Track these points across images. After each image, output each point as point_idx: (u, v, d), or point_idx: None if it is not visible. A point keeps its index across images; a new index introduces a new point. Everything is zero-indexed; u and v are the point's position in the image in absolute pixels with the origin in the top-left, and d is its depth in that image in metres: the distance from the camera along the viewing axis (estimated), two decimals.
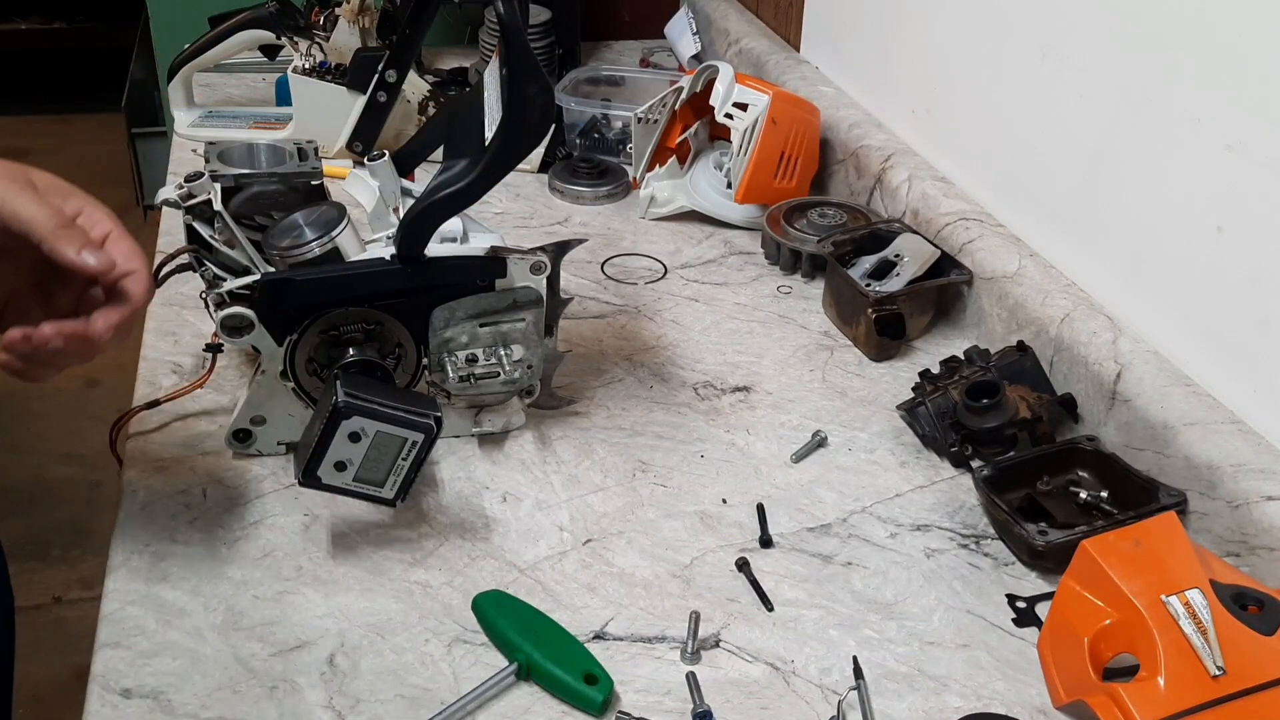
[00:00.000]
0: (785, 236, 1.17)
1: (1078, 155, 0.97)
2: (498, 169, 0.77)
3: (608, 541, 0.81)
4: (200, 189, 0.83)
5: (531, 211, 1.29)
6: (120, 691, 0.68)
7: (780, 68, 1.47)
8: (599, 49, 1.79)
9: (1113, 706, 0.63)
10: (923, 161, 1.19)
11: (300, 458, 0.76)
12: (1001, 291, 1.02)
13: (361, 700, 0.68)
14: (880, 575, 0.79)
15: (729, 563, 0.80)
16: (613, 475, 0.88)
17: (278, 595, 0.75)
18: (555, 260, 0.86)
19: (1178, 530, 0.70)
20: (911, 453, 0.92)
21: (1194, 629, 0.64)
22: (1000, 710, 0.69)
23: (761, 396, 0.98)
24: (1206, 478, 0.79)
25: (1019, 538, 0.79)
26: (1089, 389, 0.91)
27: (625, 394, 0.97)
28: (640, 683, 0.70)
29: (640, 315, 1.09)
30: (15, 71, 3.97)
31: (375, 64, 1.28)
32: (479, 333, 0.85)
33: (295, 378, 0.83)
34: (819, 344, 1.06)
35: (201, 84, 1.53)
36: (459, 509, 0.84)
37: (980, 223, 1.08)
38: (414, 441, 0.75)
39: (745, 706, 0.69)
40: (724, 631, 0.74)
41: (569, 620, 0.74)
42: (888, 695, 0.70)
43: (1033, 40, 1.01)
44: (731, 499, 0.86)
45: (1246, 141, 0.79)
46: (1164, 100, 0.87)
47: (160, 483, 0.84)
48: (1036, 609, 0.77)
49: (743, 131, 1.21)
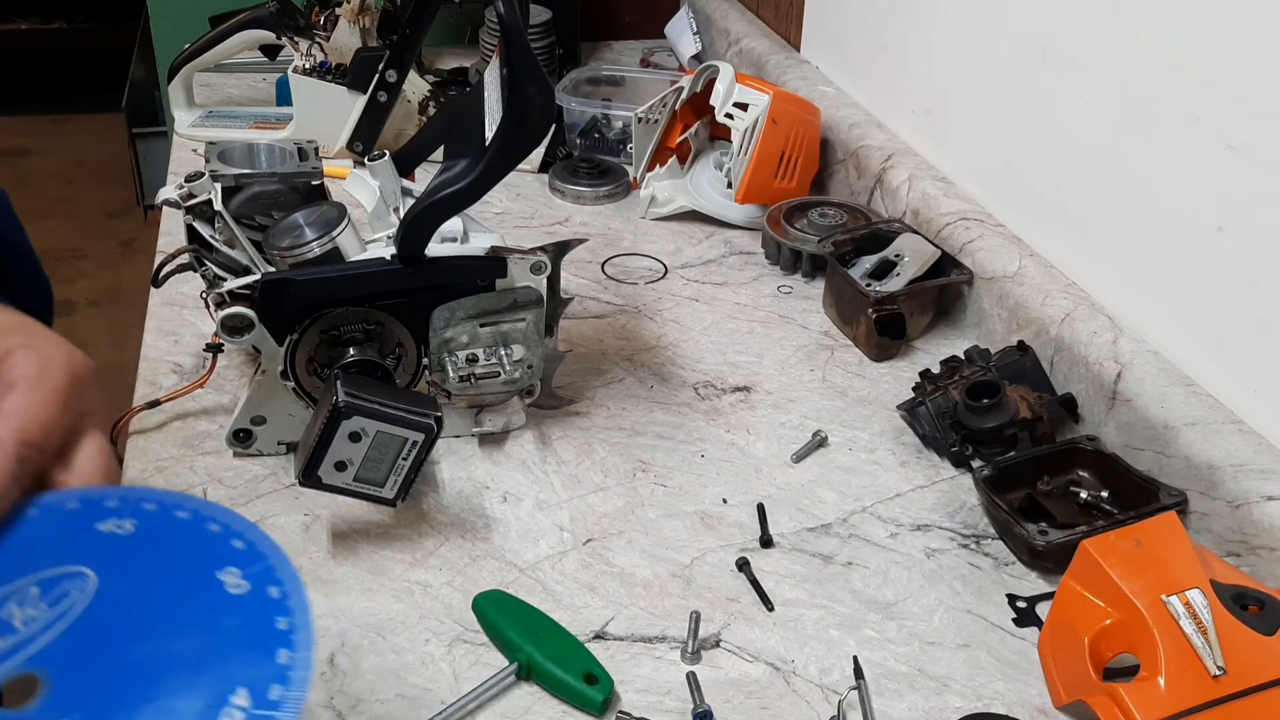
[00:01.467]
0: (785, 236, 1.17)
1: (1078, 155, 0.97)
2: (498, 169, 0.77)
3: (608, 541, 0.81)
4: (200, 189, 0.83)
5: (532, 211, 1.29)
6: None
7: (780, 68, 1.47)
8: (599, 49, 1.79)
9: (1113, 706, 0.63)
10: (923, 161, 1.19)
11: (300, 457, 0.76)
12: (1002, 291, 1.02)
13: (362, 700, 0.68)
14: (881, 575, 0.79)
15: (729, 562, 0.80)
16: (613, 475, 0.88)
17: None
18: (555, 260, 0.86)
19: (1178, 530, 0.70)
20: (912, 452, 0.92)
21: (1194, 629, 0.64)
22: (1001, 710, 0.69)
23: (762, 396, 0.98)
24: (1207, 478, 0.79)
25: (1019, 538, 0.79)
26: (1089, 389, 0.91)
27: (625, 394, 0.97)
28: (640, 682, 0.70)
29: (640, 315, 1.09)
30: (15, 71, 3.97)
31: (376, 64, 1.28)
32: (479, 333, 0.85)
33: (295, 378, 0.83)
34: (819, 344, 1.06)
35: (202, 84, 1.53)
36: (459, 509, 0.84)
37: (980, 223, 1.08)
38: (414, 441, 0.75)
39: (745, 706, 0.69)
40: (724, 631, 0.74)
41: (569, 620, 0.74)
42: (888, 695, 0.70)
43: (1033, 40, 1.01)
44: (732, 499, 0.86)
45: (1247, 141, 0.79)
46: (1164, 100, 0.87)
47: (160, 483, 0.84)
48: (1037, 609, 0.77)
49: (743, 131, 1.21)
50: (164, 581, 0.50)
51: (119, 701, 0.45)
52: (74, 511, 0.52)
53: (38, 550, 0.50)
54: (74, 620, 0.48)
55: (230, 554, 0.52)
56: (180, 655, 0.47)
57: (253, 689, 0.45)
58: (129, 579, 0.50)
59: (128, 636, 0.48)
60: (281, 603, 0.49)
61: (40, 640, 0.47)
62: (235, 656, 0.47)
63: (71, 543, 0.51)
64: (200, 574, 0.50)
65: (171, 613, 0.49)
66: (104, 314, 2.87)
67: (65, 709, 0.45)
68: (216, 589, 0.50)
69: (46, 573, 0.49)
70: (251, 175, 0.87)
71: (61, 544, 0.50)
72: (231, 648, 0.47)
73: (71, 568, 0.49)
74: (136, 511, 0.52)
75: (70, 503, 0.52)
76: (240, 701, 0.45)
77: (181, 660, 0.47)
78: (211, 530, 0.52)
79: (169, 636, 0.48)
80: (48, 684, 0.46)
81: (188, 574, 0.50)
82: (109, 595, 0.49)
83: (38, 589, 0.48)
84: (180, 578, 0.50)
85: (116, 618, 0.48)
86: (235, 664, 0.47)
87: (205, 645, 0.47)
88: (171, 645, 0.47)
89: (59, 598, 0.48)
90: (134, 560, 0.50)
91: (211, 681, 0.46)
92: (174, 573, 0.50)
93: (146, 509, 0.52)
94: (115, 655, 0.47)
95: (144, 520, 0.52)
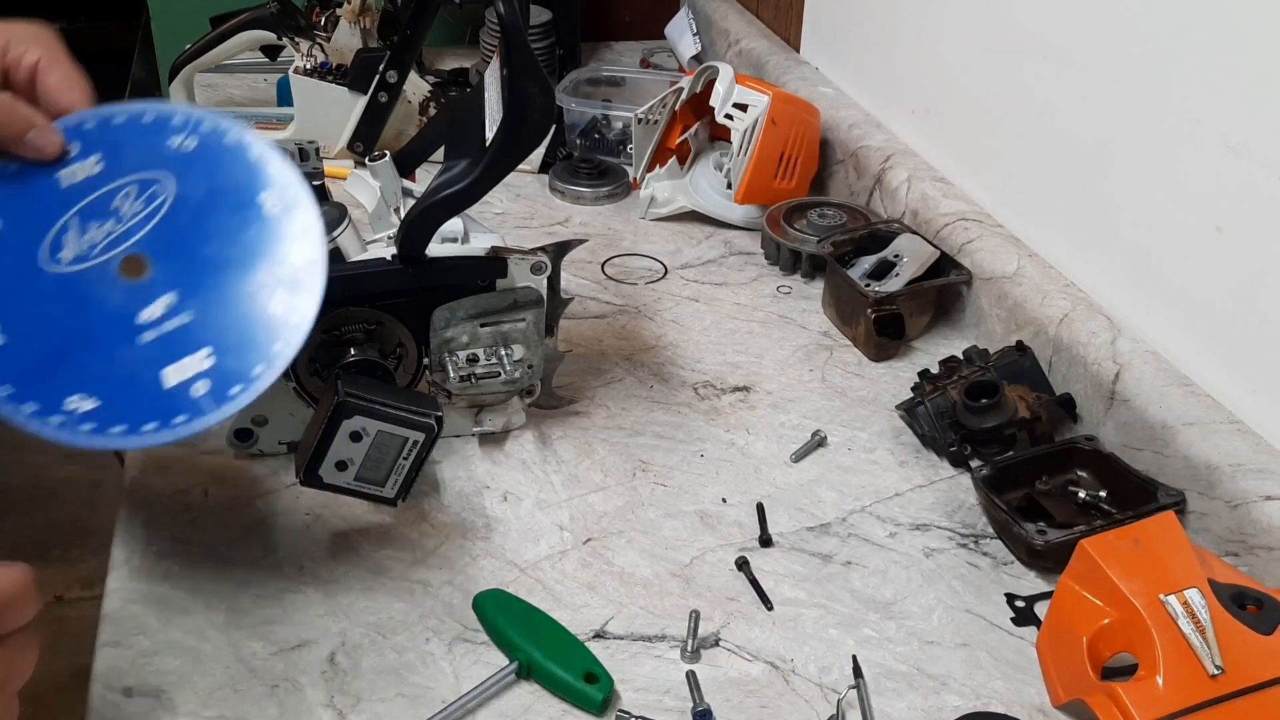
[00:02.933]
0: (785, 237, 1.17)
1: (1077, 155, 0.97)
2: (498, 169, 0.77)
3: (608, 541, 0.82)
4: None
5: (532, 212, 1.29)
6: (122, 690, 0.68)
7: (780, 68, 1.47)
8: (599, 49, 1.79)
9: (1111, 706, 0.63)
10: (922, 162, 1.20)
11: (301, 457, 0.76)
12: (1001, 292, 1.02)
13: (362, 699, 0.68)
14: (880, 574, 0.80)
15: (729, 562, 0.80)
16: (613, 475, 0.88)
17: (279, 594, 0.75)
18: (556, 260, 0.86)
19: (1176, 530, 0.70)
20: (911, 452, 0.92)
21: (1192, 628, 0.64)
22: (999, 709, 0.70)
23: (761, 396, 0.98)
24: (1205, 477, 0.79)
25: (1018, 537, 0.79)
26: (1088, 389, 0.91)
27: (625, 394, 0.97)
28: (640, 681, 0.70)
29: (640, 315, 1.09)
30: None
31: (376, 64, 1.29)
32: (480, 333, 0.85)
33: (296, 377, 0.83)
34: (819, 344, 1.06)
35: (203, 84, 1.53)
36: (459, 508, 0.84)
37: (979, 223, 1.08)
38: (415, 441, 0.76)
39: (745, 705, 0.69)
40: (724, 630, 0.74)
41: (569, 619, 0.74)
42: (887, 694, 0.70)
43: (1033, 40, 1.01)
44: (731, 498, 0.86)
45: (1247, 141, 0.79)
46: (1164, 100, 0.87)
47: (161, 482, 0.84)
48: (1035, 608, 0.77)
49: (743, 132, 1.21)
50: (220, 195, 0.64)
51: (206, 283, 0.61)
52: (149, 125, 0.64)
53: (128, 155, 0.63)
54: (163, 217, 0.62)
55: (267, 178, 0.65)
56: (234, 258, 0.62)
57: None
58: (195, 190, 0.63)
59: (199, 236, 0.62)
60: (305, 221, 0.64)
61: (143, 229, 0.61)
62: (271, 257, 0.63)
63: (151, 152, 0.63)
64: (246, 193, 0.64)
65: (227, 221, 0.63)
66: None
67: (168, 285, 0.61)
68: (258, 209, 0.64)
69: (139, 175, 0.62)
70: None
71: (144, 153, 0.63)
72: (271, 255, 0.63)
73: (156, 173, 0.63)
74: (196, 131, 0.65)
75: (146, 116, 0.64)
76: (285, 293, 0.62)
77: (236, 260, 0.62)
78: (251, 157, 0.65)
79: (226, 240, 0.63)
80: (152, 264, 0.61)
81: (237, 191, 0.64)
82: (183, 200, 0.63)
83: (135, 187, 0.62)
84: (231, 194, 0.64)
85: (190, 220, 0.62)
86: (271, 263, 0.63)
87: (253, 253, 0.63)
88: (227, 249, 0.62)
89: (151, 198, 0.62)
90: (198, 174, 0.64)
91: (262, 278, 0.62)
92: (226, 189, 0.64)
93: (203, 130, 0.65)
94: (194, 249, 0.62)
95: (202, 141, 0.65)
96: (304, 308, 0.62)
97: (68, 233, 0.61)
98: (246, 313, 0.61)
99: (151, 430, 0.58)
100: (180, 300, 0.61)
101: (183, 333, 0.60)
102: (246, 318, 0.61)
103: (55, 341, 0.59)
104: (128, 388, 0.59)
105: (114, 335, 0.60)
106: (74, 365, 0.59)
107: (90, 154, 0.63)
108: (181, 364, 0.60)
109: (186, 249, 0.62)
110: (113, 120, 0.64)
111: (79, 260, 0.61)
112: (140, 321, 0.60)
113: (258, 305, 0.62)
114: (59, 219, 0.61)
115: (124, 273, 0.61)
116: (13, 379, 0.58)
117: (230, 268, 0.62)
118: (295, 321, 0.62)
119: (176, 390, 0.59)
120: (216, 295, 0.61)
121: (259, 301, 0.62)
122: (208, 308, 0.61)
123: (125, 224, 0.61)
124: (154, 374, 0.59)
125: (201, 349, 0.60)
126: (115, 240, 0.61)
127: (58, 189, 0.61)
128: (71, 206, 0.61)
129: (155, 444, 0.58)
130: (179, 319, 0.60)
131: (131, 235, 0.61)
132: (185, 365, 0.60)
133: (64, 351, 0.59)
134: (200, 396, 0.59)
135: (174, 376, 0.59)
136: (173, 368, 0.59)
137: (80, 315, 0.60)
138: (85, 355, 0.59)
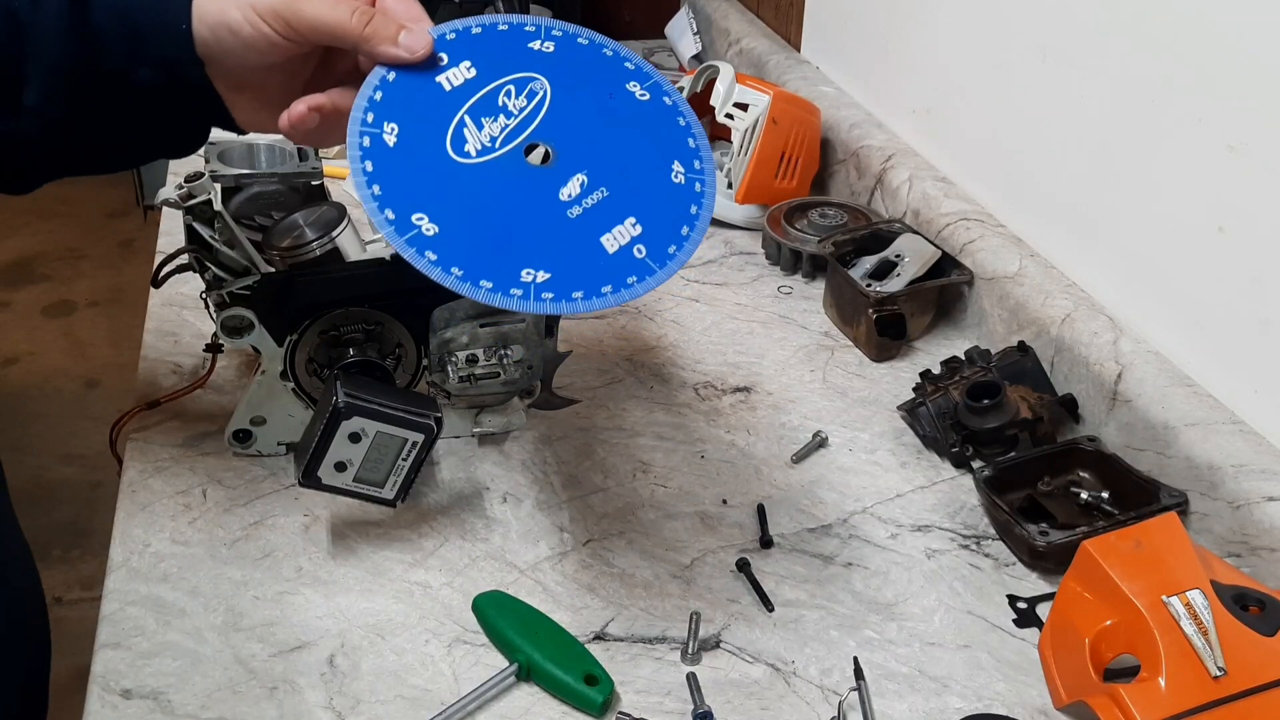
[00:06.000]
0: (786, 237, 1.17)
1: (1079, 155, 0.97)
2: None
3: (608, 542, 0.81)
4: (200, 189, 0.83)
5: None
6: (120, 692, 0.68)
7: (781, 68, 1.47)
8: None
9: (1114, 707, 0.63)
10: (923, 161, 1.19)
11: (300, 458, 0.76)
12: (1002, 292, 1.01)
13: (362, 701, 0.68)
14: (881, 576, 0.79)
15: (729, 563, 0.80)
16: (613, 475, 0.88)
17: (278, 596, 0.75)
18: None
19: (1179, 531, 0.70)
20: (912, 453, 0.92)
21: (1195, 630, 0.64)
22: (1001, 711, 0.69)
23: (762, 397, 0.98)
24: (1207, 478, 0.79)
25: (1020, 538, 0.79)
26: (1090, 389, 0.90)
27: (625, 394, 0.97)
28: (640, 683, 0.70)
29: (640, 315, 1.09)
30: None
31: None
32: (479, 333, 0.85)
33: (295, 378, 0.83)
34: (819, 344, 1.06)
35: None
36: (459, 509, 0.84)
37: (981, 223, 1.08)
38: (414, 442, 0.75)
39: (746, 707, 0.69)
40: (724, 632, 0.74)
41: (569, 621, 0.74)
42: (888, 696, 0.70)
43: (1033, 40, 1.01)
44: (732, 499, 0.86)
45: (1247, 141, 0.79)
46: (1164, 100, 0.87)
47: (160, 483, 0.84)
48: (1037, 609, 0.77)
49: (743, 132, 1.21)
50: (590, 89, 0.68)
51: (609, 162, 0.67)
52: (505, 32, 0.68)
53: (497, 60, 0.67)
54: (548, 109, 0.67)
55: (626, 72, 0.70)
56: (624, 139, 0.68)
57: (682, 161, 0.68)
58: (567, 84, 0.68)
59: (587, 124, 0.67)
60: (675, 108, 0.70)
61: (534, 121, 0.66)
62: (660, 142, 0.68)
63: (517, 56, 0.68)
64: (613, 85, 0.69)
65: (607, 108, 0.68)
66: (104, 314, 2.87)
67: (575, 167, 0.66)
68: (628, 96, 0.69)
69: (513, 75, 0.67)
70: (251, 175, 0.87)
71: (510, 56, 0.68)
72: (655, 136, 0.68)
73: (528, 73, 0.67)
74: (549, 35, 0.69)
75: (501, 25, 0.68)
76: (678, 168, 0.68)
77: (626, 143, 0.68)
78: (606, 54, 0.70)
79: (611, 126, 0.68)
80: (554, 151, 0.66)
81: (604, 84, 0.69)
82: (561, 94, 0.67)
83: (513, 86, 0.67)
84: (600, 87, 0.69)
85: (573, 110, 0.67)
86: (663, 146, 0.68)
87: (637, 135, 0.68)
88: (614, 132, 0.68)
89: (531, 94, 0.67)
90: (564, 72, 0.68)
91: (654, 156, 0.68)
92: (594, 83, 0.69)
93: (555, 34, 0.69)
94: (587, 135, 0.67)
95: (557, 43, 0.69)
96: (707, 176, 0.68)
97: (465, 128, 0.65)
98: (654, 184, 0.67)
99: (610, 292, 0.63)
100: (591, 179, 0.66)
101: (605, 205, 0.65)
102: (655, 188, 0.67)
103: (490, 225, 0.63)
104: (575, 257, 0.63)
105: (545, 214, 0.64)
106: (516, 244, 0.63)
107: (460, 61, 0.66)
108: (614, 232, 0.65)
109: (580, 135, 0.67)
110: (470, 30, 0.68)
111: (485, 152, 0.65)
112: (563, 199, 0.65)
113: (662, 177, 0.67)
114: (451, 119, 0.65)
115: (530, 159, 0.66)
116: (460, 262, 0.61)
117: (625, 147, 0.67)
118: (699, 190, 0.68)
119: (619, 254, 0.64)
120: (623, 172, 0.66)
121: (662, 174, 0.67)
122: (619, 183, 0.66)
123: (516, 118, 0.66)
124: (594, 242, 0.64)
125: (627, 218, 0.65)
126: (512, 132, 0.66)
127: (442, 92, 0.65)
128: (459, 106, 0.65)
129: (612, 305, 0.63)
130: (596, 194, 0.65)
131: (525, 127, 0.66)
132: (619, 233, 0.65)
133: (503, 233, 0.63)
134: (642, 258, 0.64)
135: (613, 243, 0.64)
136: (608, 235, 0.64)
137: (507, 199, 0.64)
138: (524, 234, 0.63)
